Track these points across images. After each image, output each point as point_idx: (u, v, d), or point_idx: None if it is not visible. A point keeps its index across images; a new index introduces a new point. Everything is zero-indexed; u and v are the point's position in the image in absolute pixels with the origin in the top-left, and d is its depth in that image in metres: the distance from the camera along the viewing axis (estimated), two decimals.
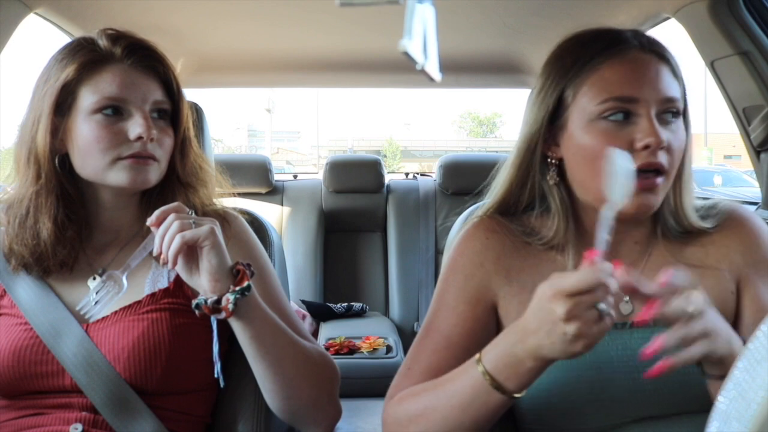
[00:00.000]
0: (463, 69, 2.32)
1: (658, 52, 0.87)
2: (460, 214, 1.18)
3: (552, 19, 1.75)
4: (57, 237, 0.93)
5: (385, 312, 2.80)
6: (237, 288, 0.83)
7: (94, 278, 0.97)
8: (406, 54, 0.47)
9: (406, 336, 2.56)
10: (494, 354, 0.75)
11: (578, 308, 0.66)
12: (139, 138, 0.91)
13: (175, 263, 0.83)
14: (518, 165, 0.93)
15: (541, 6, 1.68)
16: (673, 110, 0.85)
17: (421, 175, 3.24)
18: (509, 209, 0.96)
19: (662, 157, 0.83)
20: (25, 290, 0.94)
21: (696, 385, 0.82)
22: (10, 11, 1.32)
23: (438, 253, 2.79)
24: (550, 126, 0.90)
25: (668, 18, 1.50)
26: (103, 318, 0.93)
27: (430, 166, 17.23)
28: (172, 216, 0.84)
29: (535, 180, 0.92)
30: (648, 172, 0.83)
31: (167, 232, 0.83)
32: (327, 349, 2.24)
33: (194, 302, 0.83)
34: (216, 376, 0.91)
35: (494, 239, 0.92)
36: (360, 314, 2.66)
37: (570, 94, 0.87)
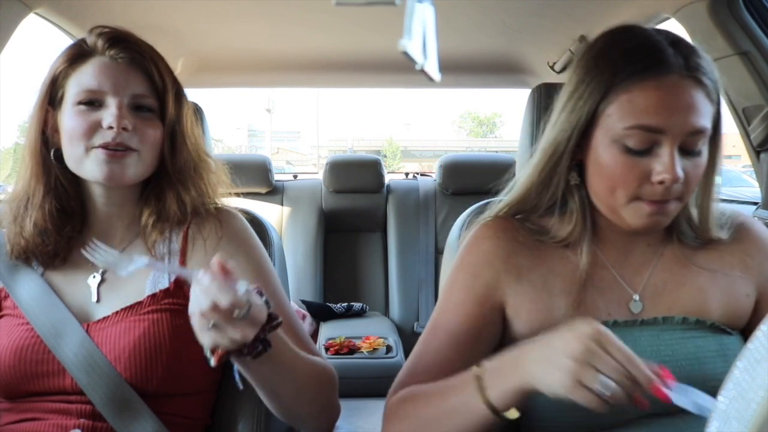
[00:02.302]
0: (463, 69, 2.32)
1: (696, 77, 0.82)
2: (460, 213, 1.18)
3: (552, 19, 1.75)
4: (48, 228, 0.94)
5: (385, 312, 2.80)
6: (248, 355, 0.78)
7: (94, 276, 0.97)
8: (406, 54, 0.47)
9: (406, 336, 2.56)
10: (494, 360, 0.77)
11: (594, 359, 0.68)
12: (111, 127, 0.91)
13: None
14: (542, 168, 0.90)
15: (541, 6, 1.68)
16: (699, 139, 0.83)
17: (421, 175, 3.23)
18: (525, 210, 0.95)
19: (676, 189, 0.82)
20: (27, 291, 0.94)
21: (701, 383, 0.82)
22: (10, 11, 1.33)
23: (438, 253, 2.79)
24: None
25: (668, 18, 1.50)
26: (104, 318, 0.93)
27: (430, 166, 17.20)
28: (224, 318, 0.73)
29: (559, 183, 0.90)
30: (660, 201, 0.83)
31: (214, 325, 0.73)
32: (327, 349, 2.24)
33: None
34: (236, 379, 0.85)
35: (505, 238, 0.92)
36: (360, 314, 2.66)
37: (602, 108, 0.84)
